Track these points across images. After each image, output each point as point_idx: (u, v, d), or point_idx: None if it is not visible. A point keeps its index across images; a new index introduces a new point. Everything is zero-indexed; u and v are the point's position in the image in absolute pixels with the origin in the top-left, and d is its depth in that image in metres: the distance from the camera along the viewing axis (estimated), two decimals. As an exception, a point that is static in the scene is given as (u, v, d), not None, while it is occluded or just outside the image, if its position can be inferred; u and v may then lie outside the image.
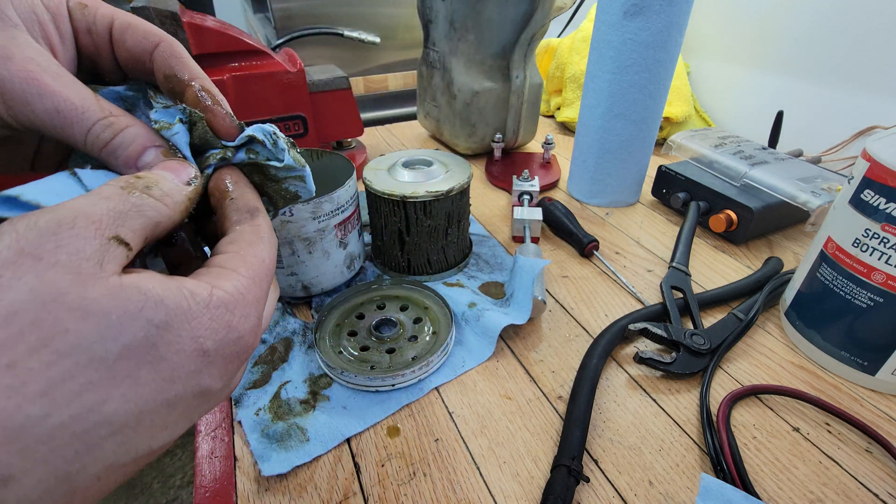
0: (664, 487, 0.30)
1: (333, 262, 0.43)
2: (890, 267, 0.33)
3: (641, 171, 0.61)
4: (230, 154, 0.23)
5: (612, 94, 0.55)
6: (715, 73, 0.85)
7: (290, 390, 0.36)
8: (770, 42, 0.74)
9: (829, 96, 0.68)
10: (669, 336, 0.38)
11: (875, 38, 0.62)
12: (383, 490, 0.30)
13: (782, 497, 0.29)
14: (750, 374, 0.38)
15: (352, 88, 0.65)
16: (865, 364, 0.36)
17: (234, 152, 0.23)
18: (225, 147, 0.23)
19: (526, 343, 0.41)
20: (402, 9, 1.19)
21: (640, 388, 0.37)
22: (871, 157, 0.33)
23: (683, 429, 0.33)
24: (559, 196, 0.65)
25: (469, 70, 0.68)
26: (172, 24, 0.51)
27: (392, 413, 0.34)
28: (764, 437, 0.33)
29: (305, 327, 0.41)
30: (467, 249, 0.51)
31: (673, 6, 0.49)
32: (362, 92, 1.18)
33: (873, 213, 0.33)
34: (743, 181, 0.54)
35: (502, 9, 0.63)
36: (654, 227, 0.58)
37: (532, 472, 0.31)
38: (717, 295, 0.45)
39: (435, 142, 0.82)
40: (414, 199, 0.42)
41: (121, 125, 0.20)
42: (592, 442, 0.32)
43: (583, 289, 0.47)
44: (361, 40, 0.75)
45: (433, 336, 0.39)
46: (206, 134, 0.22)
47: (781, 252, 0.53)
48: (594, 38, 0.55)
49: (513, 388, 0.37)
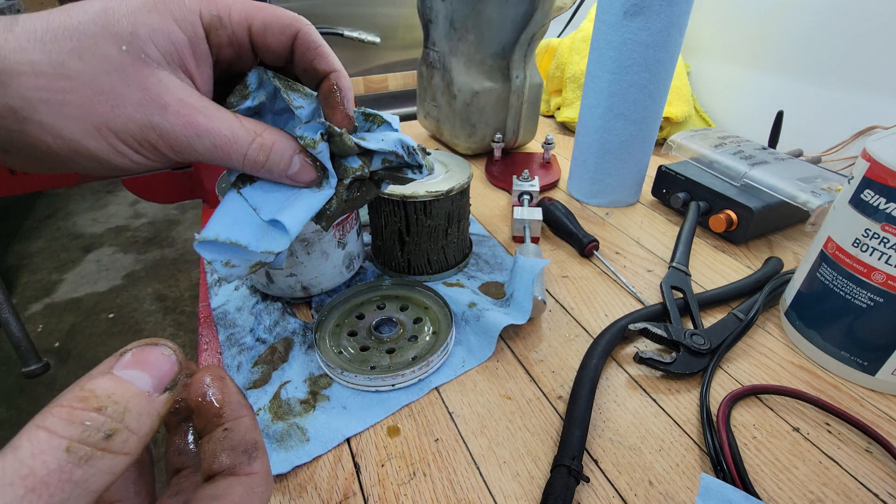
0: (664, 487, 0.30)
1: (332, 263, 0.43)
2: (890, 267, 0.33)
3: (641, 171, 0.61)
4: (367, 171, 0.26)
5: (612, 94, 0.55)
6: (715, 73, 0.85)
7: (289, 390, 0.36)
8: (770, 42, 0.74)
9: (829, 96, 0.68)
10: (669, 336, 0.38)
11: (875, 38, 0.62)
12: (383, 490, 0.30)
13: (782, 497, 0.29)
14: (750, 374, 0.38)
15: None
16: (865, 364, 0.36)
17: (369, 165, 0.26)
18: (363, 164, 0.26)
19: (526, 343, 0.41)
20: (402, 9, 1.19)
21: (640, 388, 0.37)
22: (871, 157, 0.33)
23: (683, 429, 0.33)
24: (559, 196, 0.65)
25: (469, 70, 0.68)
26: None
27: (392, 413, 0.34)
28: (764, 437, 0.33)
29: (305, 327, 0.41)
30: (467, 249, 0.51)
31: (673, 6, 0.49)
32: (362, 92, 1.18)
33: (873, 213, 0.33)
34: (743, 181, 0.54)
35: (502, 9, 0.63)
36: (654, 227, 0.58)
37: (532, 472, 0.31)
38: (717, 295, 0.45)
39: (435, 142, 0.82)
40: (414, 199, 0.42)
41: (268, 144, 0.22)
42: (592, 442, 0.32)
43: (583, 289, 0.47)
44: (361, 40, 0.75)
45: (433, 336, 0.39)
46: (344, 145, 0.24)
47: (781, 252, 0.53)
48: (594, 38, 0.55)
49: (513, 388, 0.37)
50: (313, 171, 0.24)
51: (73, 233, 2.06)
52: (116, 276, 1.78)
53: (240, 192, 0.24)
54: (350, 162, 0.25)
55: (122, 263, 1.86)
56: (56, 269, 1.82)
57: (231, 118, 0.21)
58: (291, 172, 0.23)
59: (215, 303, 0.44)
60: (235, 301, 0.44)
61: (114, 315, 1.60)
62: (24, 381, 1.34)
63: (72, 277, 1.77)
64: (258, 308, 0.43)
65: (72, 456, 0.12)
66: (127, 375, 0.14)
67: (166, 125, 0.20)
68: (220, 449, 0.17)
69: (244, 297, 0.45)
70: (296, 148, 0.23)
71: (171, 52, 0.20)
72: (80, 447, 0.12)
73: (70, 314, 1.60)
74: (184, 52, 0.21)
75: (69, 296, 1.68)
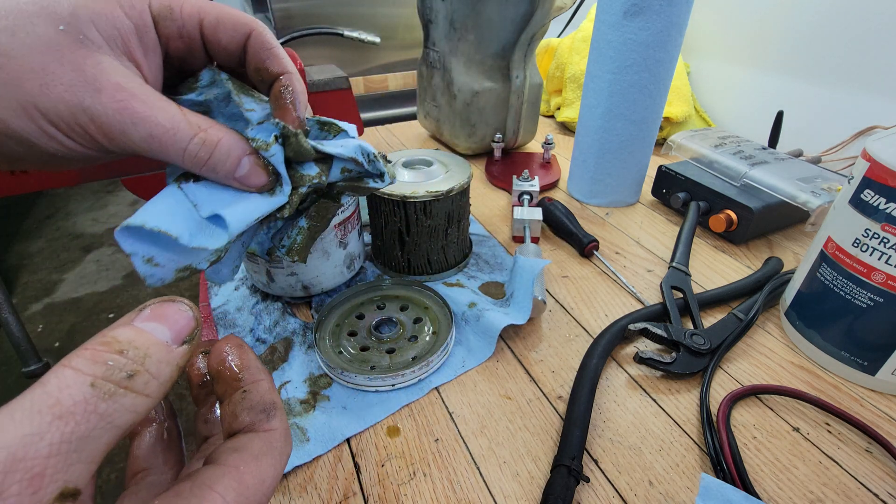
0: (664, 487, 0.30)
1: (333, 262, 0.43)
2: (890, 267, 0.33)
3: (641, 171, 0.61)
4: (325, 179, 0.24)
5: (612, 94, 0.55)
6: (715, 73, 0.85)
7: (289, 390, 0.36)
8: (770, 42, 0.74)
9: (829, 96, 0.68)
10: (669, 336, 0.38)
11: (875, 38, 0.62)
12: (383, 490, 0.30)
13: (782, 497, 0.29)
14: (750, 374, 0.38)
15: (352, 88, 0.65)
16: (865, 364, 0.36)
17: (327, 174, 0.24)
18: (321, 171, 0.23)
19: (526, 343, 0.41)
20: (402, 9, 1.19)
21: (640, 388, 0.37)
22: (871, 157, 0.33)
23: (683, 429, 0.33)
24: (559, 196, 0.65)
25: (469, 70, 0.68)
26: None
27: (392, 413, 0.34)
28: (764, 437, 0.33)
29: (305, 327, 0.41)
30: (467, 249, 0.51)
31: (673, 6, 0.49)
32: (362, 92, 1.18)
33: (873, 213, 0.33)
34: (743, 181, 0.54)
35: (502, 9, 0.63)
36: (654, 227, 0.58)
37: (532, 472, 0.31)
38: (717, 295, 0.45)
39: (435, 142, 0.82)
40: (414, 199, 0.42)
41: (213, 140, 0.20)
42: (592, 442, 0.32)
43: (583, 289, 0.47)
44: (361, 40, 0.75)
45: (433, 336, 0.39)
46: (300, 147, 0.23)
47: (781, 252, 0.53)
48: (594, 38, 0.55)
49: (513, 388, 0.37)
50: (264, 174, 0.22)
51: (73, 233, 2.06)
52: (116, 276, 1.78)
53: (180, 187, 0.21)
54: (307, 169, 0.23)
55: (122, 263, 1.86)
56: (56, 269, 1.82)
57: (174, 109, 0.20)
58: (240, 175, 0.21)
59: (215, 303, 0.44)
60: (235, 301, 0.44)
61: (114, 315, 1.60)
62: (25, 381, 1.34)
63: (72, 277, 1.77)
64: (258, 308, 0.43)
65: (96, 390, 0.12)
66: (147, 327, 0.15)
67: (99, 108, 0.18)
68: (239, 409, 0.17)
69: (244, 297, 0.45)
70: (246, 149, 0.21)
71: (114, 36, 0.20)
72: (104, 383, 0.13)
73: (70, 314, 1.60)
74: (129, 39, 0.20)
75: (69, 296, 1.68)
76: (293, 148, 0.22)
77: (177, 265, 0.20)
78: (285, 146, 0.22)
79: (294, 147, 0.22)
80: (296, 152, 0.23)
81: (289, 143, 0.22)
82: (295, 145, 0.22)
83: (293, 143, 0.22)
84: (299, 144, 0.22)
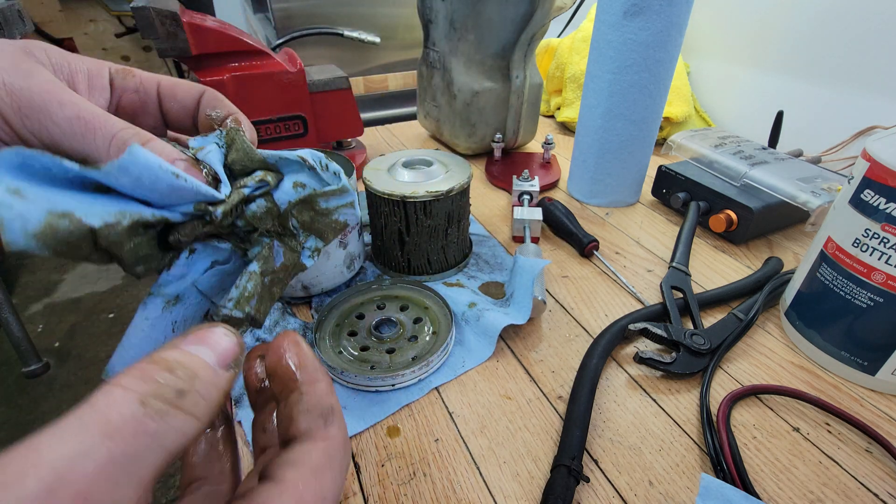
0: (664, 487, 0.30)
1: (333, 263, 0.43)
2: (890, 267, 0.33)
3: (641, 171, 0.61)
4: (271, 179, 0.22)
5: (612, 94, 0.55)
6: (715, 73, 0.85)
7: (290, 390, 0.36)
8: (770, 42, 0.74)
9: (829, 96, 0.68)
10: (669, 336, 0.38)
11: (875, 38, 0.62)
12: (383, 490, 0.30)
13: (782, 497, 0.29)
14: (750, 374, 0.38)
15: (352, 88, 0.65)
16: (865, 364, 0.36)
17: (276, 179, 0.22)
18: (266, 170, 0.22)
19: (526, 343, 0.41)
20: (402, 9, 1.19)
21: (640, 388, 0.37)
22: (871, 157, 0.33)
23: (683, 429, 0.33)
24: (559, 196, 0.65)
25: (469, 70, 0.68)
26: (172, 25, 0.51)
27: (392, 413, 0.34)
28: (764, 437, 0.33)
29: (305, 327, 0.41)
30: (467, 249, 0.51)
31: (673, 6, 0.49)
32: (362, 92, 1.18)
33: (873, 213, 0.33)
34: (743, 181, 0.54)
35: (502, 9, 0.63)
36: (654, 227, 0.58)
37: (532, 472, 0.31)
38: (717, 295, 0.45)
39: (435, 142, 0.82)
40: (414, 199, 0.42)
41: (147, 135, 0.20)
42: (592, 442, 0.32)
43: (583, 289, 0.47)
44: (361, 40, 0.75)
45: (433, 336, 0.39)
46: (244, 156, 0.22)
47: (781, 252, 0.53)
48: (594, 38, 0.55)
49: (513, 388, 0.37)
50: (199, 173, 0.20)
51: (73, 233, 2.06)
52: (116, 276, 1.78)
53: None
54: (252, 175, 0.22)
55: (122, 263, 1.86)
56: (56, 269, 1.82)
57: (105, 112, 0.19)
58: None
59: (215, 303, 0.44)
60: (235, 301, 0.44)
61: (114, 315, 1.60)
62: (25, 381, 1.34)
63: (72, 277, 1.77)
64: (258, 308, 0.43)
65: (146, 409, 0.12)
66: (193, 350, 0.14)
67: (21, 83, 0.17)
68: (295, 412, 0.16)
69: (244, 297, 0.45)
70: (181, 154, 0.20)
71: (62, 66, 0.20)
72: (154, 401, 0.12)
73: (70, 314, 1.60)
74: (77, 74, 0.20)
75: (69, 296, 1.68)
76: (238, 148, 0.21)
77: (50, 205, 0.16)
78: (230, 151, 0.22)
79: (238, 148, 0.21)
80: (241, 152, 0.22)
81: (234, 146, 0.21)
82: (239, 144, 0.21)
83: (238, 143, 0.21)
84: (243, 142, 0.22)
